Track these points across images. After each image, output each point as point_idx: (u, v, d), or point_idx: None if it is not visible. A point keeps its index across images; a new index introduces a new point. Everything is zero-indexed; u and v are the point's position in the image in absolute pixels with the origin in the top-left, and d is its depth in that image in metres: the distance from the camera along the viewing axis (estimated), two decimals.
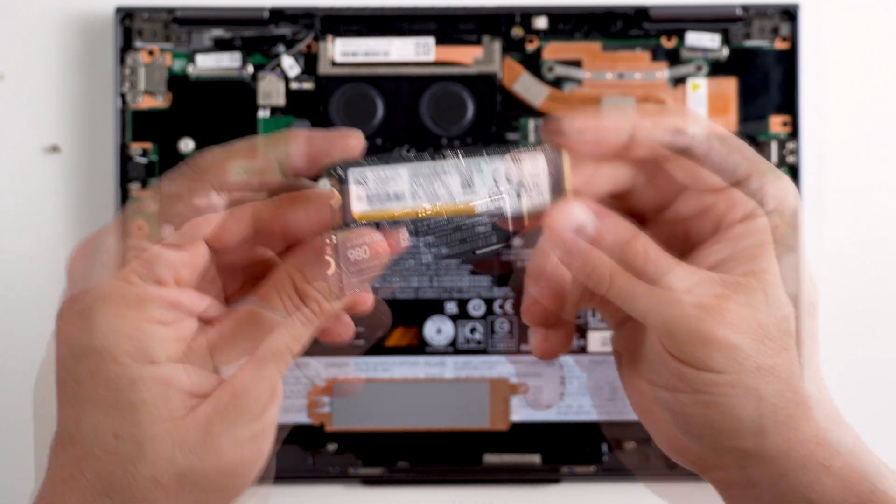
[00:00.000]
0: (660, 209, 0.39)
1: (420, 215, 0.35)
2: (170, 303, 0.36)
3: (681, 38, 0.57)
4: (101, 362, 0.35)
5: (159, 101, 0.57)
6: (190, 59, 0.57)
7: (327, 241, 0.34)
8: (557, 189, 0.36)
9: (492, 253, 0.37)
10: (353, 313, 0.38)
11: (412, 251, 0.35)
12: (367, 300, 0.38)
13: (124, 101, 0.57)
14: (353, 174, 0.34)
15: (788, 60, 0.56)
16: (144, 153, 0.57)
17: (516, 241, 0.56)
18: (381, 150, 0.56)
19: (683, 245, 0.39)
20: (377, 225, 0.34)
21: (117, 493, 0.36)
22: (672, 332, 0.37)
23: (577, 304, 0.40)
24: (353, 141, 0.35)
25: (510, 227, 0.36)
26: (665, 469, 0.56)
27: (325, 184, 0.35)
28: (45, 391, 0.37)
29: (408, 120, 0.56)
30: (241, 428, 0.36)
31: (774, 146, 0.56)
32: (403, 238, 0.35)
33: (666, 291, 0.36)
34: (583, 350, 0.56)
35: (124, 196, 0.57)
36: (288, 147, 0.35)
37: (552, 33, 0.57)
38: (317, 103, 0.57)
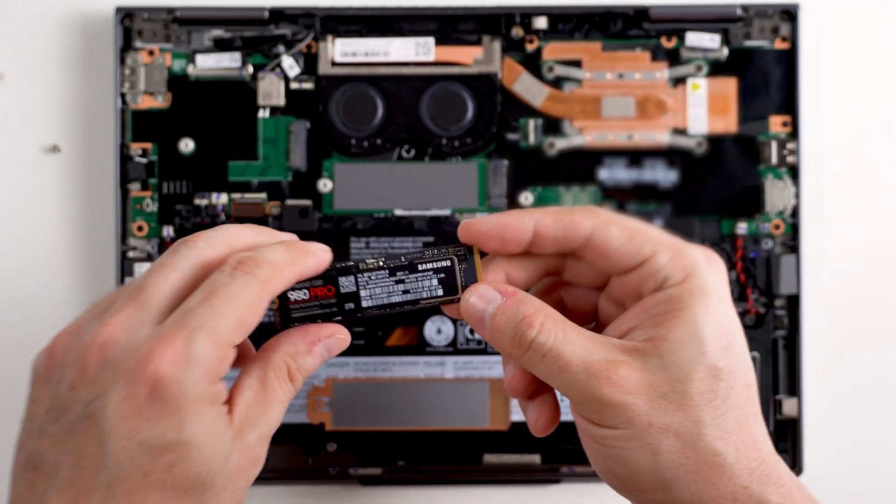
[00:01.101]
0: (597, 286, 0.44)
1: (361, 267, 0.43)
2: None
3: (681, 38, 0.57)
4: (187, 456, 0.38)
5: (159, 101, 0.57)
6: (190, 59, 0.57)
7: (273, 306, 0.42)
8: (471, 278, 0.43)
9: (433, 305, 0.43)
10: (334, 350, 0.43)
11: (352, 295, 0.43)
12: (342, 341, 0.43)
13: (124, 101, 0.57)
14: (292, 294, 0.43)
15: (788, 60, 0.56)
16: (144, 153, 0.57)
17: None
18: (381, 150, 0.56)
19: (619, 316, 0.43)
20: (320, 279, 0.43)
21: None
22: (568, 394, 0.41)
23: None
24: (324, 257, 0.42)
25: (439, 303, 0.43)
26: None
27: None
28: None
29: (408, 120, 0.56)
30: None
31: (774, 146, 0.56)
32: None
33: (556, 359, 0.41)
34: None
35: (124, 196, 0.57)
36: (306, 262, 0.41)
37: (552, 33, 0.57)
38: (317, 103, 0.57)
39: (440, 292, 0.43)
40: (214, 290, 0.39)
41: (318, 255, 0.42)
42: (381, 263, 0.43)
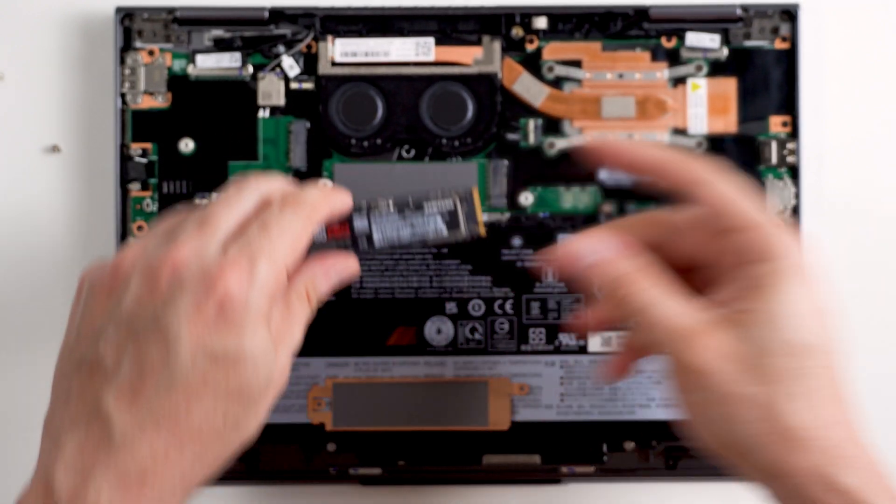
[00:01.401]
0: (692, 262, 0.46)
1: (372, 206, 0.48)
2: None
3: (681, 38, 0.57)
4: (246, 366, 0.43)
5: (159, 101, 0.57)
6: (190, 59, 0.57)
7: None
8: (472, 217, 0.48)
9: (440, 243, 0.50)
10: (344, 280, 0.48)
11: (365, 234, 0.48)
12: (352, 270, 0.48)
13: (124, 101, 0.57)
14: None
15: (788, 60, 0.57)
16: (144, 153, 0.57)
17: (516, 241, 0.56)
18: (381, 150, 0.56)
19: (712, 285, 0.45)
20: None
21: (208, 461, 0.43)
22: (656, 352, 0.45)
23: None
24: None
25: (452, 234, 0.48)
26: (665, 469, 0.56)
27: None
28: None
29: (408, 120, 0.56)
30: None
31: (774, 146, 0.56)
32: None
33: (647, 318, 0.44)
34: (583, 350, 0.56)
35: (124, 196, 0.57)
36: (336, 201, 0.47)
37: (552, 33, 0.57)
38: (317, 103, 0.57)
39: (444, 230, 0.48)
40: (269, 223, 0.45)
41: (344, 197, 0.48)
42: (390, 204, 0.48)
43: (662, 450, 0.56)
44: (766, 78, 0.57)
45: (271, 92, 0.57)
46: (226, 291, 0.42)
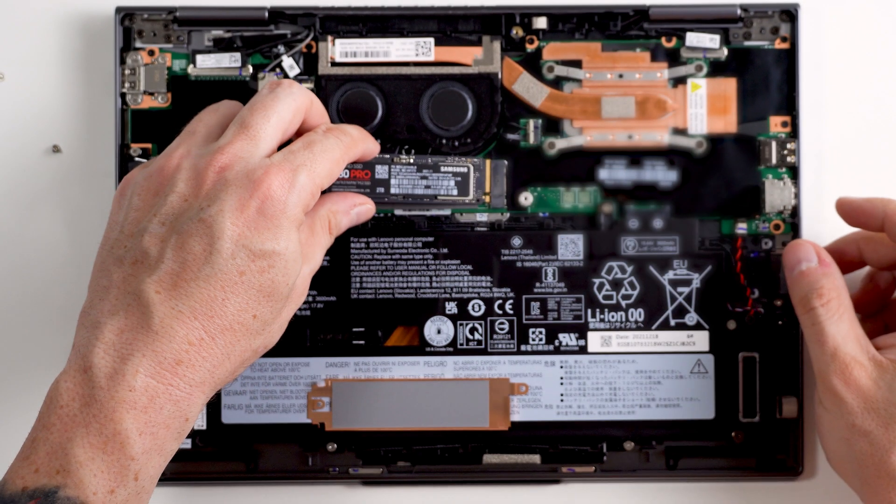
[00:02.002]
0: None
1: (395, 160, 0.53)
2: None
3: (681, 38, 0.57)
4: (279, 264, 0.46)
5: (159, 101, 0.57)
6: (190, 59, 0.57)
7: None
8: (481, 185, 0.54)
9: (451, 205, 0.54)
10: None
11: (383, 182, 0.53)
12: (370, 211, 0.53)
13: (124, 101, 0.57)
14: None
15: (788, 61, 0.57)
16: (144, 153, 0.57)
17: (516, 241, 0.56)
18: (381, 149, 0.56)
19: None
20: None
21: (238, 357, 0.46)
22: (813, 361, 0.52)
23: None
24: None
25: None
26: (665, 469, 0.56)
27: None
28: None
29: (408, 120, 0.56)
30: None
31: (774, 146, 0.56)
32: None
33: (820, 333, 0.51)
34: (583, 350, 0.56)
35: None
36: (370, 143, 0.52)
37: (552, 33, 0.57)
38: None
39: (455, 192, 0.53)
40: (313, 142, 0.48)
41: (376, 142, 0.53)
42: (411, 160, 0.53)
43: (662, 450, 0.56)
44: (766, 78, 0.57)
45: None
46: (268, 192, 0.46)
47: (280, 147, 0.49)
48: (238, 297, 0.45)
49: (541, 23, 0.56)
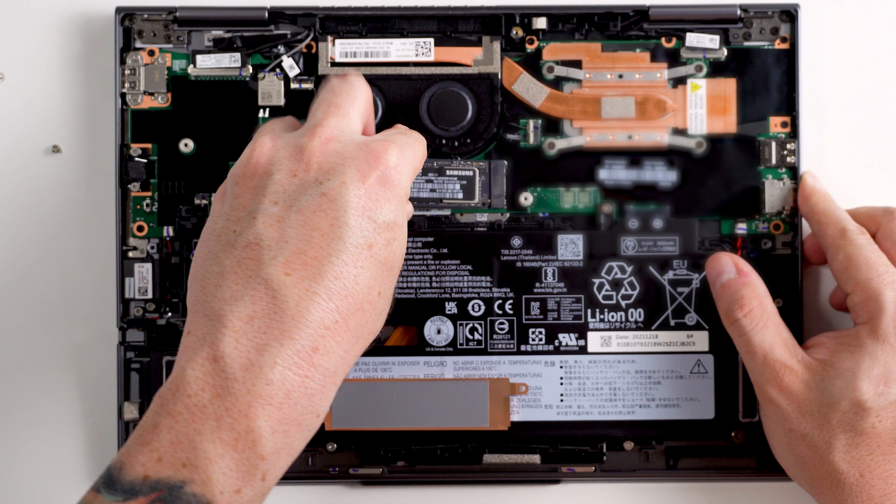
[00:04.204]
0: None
1: None
2: None
3: (681, 38, 0.57)
4: (399, 236, 0.45)
5: (159, 102, 0.57)
6: (190, 59, 0.57)
7: None
8: (484, 189, 0.54)
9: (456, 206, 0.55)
10: None
11: None
12: None
13: (124, 101, 0.57)
14: None
15: (788, 61, 0.57)
16: (144, 153, 0.57)
17: (516, 241, 0.56)
18: None
19: None
20: None
21: (364, 339, 0.45)
22: (749, 371, 0.52)
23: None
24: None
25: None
26: (665, 469, 0.56)
27: None
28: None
29: (408, 120, 0.56)
30: None
31: (774, 146, 0.56)
32: None
33: (747, 342, 0.51)
34: (583, 350, 0.56)
35: (124, 196, 0.57)
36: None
37: (552, 33, 0.57)
38: None
39: (460, 196, 0.53)
40: (407, 131, 0.49)
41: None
42: None
43: (662, 450, 0.56)
44: (766, 78, 0.57)
45: (271, 92, 0.57)
46: (388, 162, 0.45)
47: None
48: (368, 273, 0.43)
49: (541, 23, 0.56)
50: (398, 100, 0.56)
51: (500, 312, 0.56)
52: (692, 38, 0.57)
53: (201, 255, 0.45)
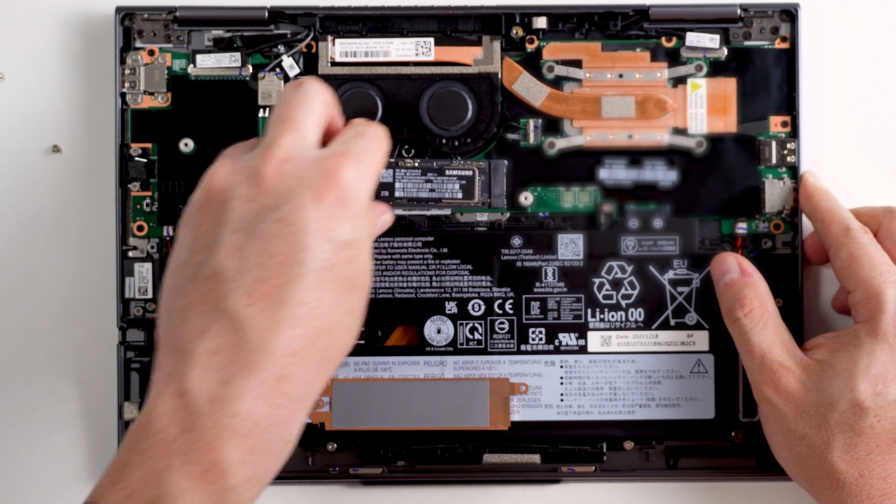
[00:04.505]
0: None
1: (399, 164, 0.54)
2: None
3: (681, 38, 0.57)
4: (361, 252, 0.44)
5: (159, 101, 0.57)
6: (190, 59, 0.57)
7: None
8: (484, 188, 0.54)
9: (454, 207, 0.55)
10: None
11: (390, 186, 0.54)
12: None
13: (124, 101, 0.57)
14: None
15: (788, 60, 0.57)
16: (144, 153, 0.57)
17: (516, 241, 0.56)
18: None
19: None
20: None
21: (332, 361, 0.44)
22: (746, 370, 0.52)
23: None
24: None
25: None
26: (665, 469, 0.56)
27: None
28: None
29: (408, 120, 0.56)
30: None
31: (774, 146, 0.56)
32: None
33: (746, 342, 0.51)
34: (583, 350, 0.56)
35: (124, 196, 0.57)
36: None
37: (552, 33, 0.57)
38: None
39: (459, 195, 0.53)
40: (362, 132, 0.47)
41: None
42: (416, 163, 0.53)
43: (662, 450, 0.56)
44: (766, 78, 0.57)
45: (271, 92, 0.57)
46: (344, 179, 0.44)
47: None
48: (331, 294, 0.43)
49: (541, 23, 0.56)
50: (398, 100, 0.56)
51: (500, 312, 0.56)
52: (692, 38, 0.57)
53: (167, 289, 0.44)
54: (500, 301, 0.56)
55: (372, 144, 0.46)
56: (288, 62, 0.57)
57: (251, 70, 0.57)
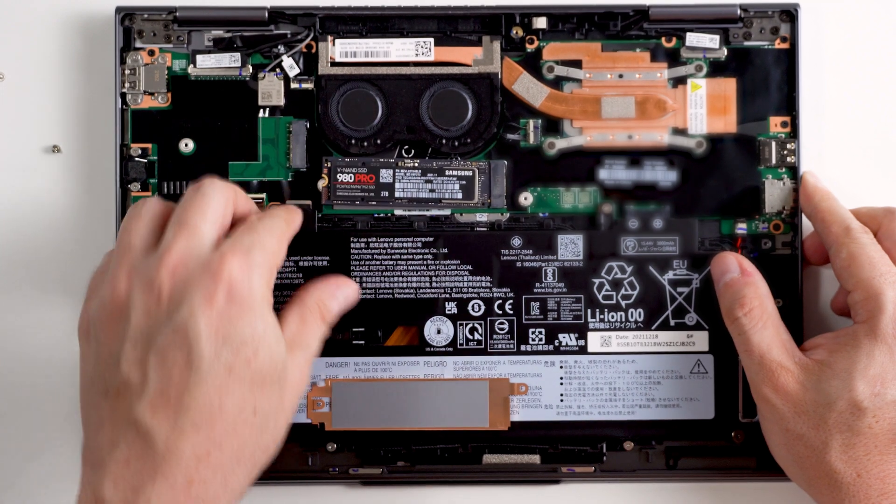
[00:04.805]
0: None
1: (399, 165, 0.54)
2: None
3: (681, 38, 0.57)
4: (263, 346, 0.44)
5: (159, 101, 0.57)
6: (190, 59, 0.57)
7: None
8: (484, 188, 0.54)
9: (455, 207, 0.55)
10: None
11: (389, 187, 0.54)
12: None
13: (124, 101, 0.57)
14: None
15: (788, 61, 0.57)
16: (144, 153, 0.57)
17: (516, 241, 0.56)
18: (381, 150, 0.56)
19: None
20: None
21: (249, 460, 0.45)
22: (745, 369, 0.52)
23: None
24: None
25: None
26: (665, 469, 0.56)
27: None
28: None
29: (408, 120, 0.56)
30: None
31: (774, 146, 0.56)
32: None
33: (745, 341, 0.51)
34: (583, 350, 0.56)
35: (124, 196, 0.57)
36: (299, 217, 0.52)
37: (552, 33, 0.57)
38: (317, 103, 0.57)
39: (459, 196, 0.53)
40: (253, 224, 0.48)
41: (300, 214, 0.52)
42: (416, 164, 0.54)
43: (662, 450, 0.56)
44: (766, 78, 0.57)
45: (271, 92, 0.57)
46: (231, 277, 0.44)
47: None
48: (234, 396, 0.44)
49: (541, 23, 0.56)
50: (398, 100, 0.56)
51: (500, 312, 0.56)
52: (692, 38, 0.57)
53: (83, 404, 0.47)
54: (499, 301, 0.56)
55: (261, 236, 0.47)
56: (288, 62, 0.57)
57: (251, 70, 0.57)
